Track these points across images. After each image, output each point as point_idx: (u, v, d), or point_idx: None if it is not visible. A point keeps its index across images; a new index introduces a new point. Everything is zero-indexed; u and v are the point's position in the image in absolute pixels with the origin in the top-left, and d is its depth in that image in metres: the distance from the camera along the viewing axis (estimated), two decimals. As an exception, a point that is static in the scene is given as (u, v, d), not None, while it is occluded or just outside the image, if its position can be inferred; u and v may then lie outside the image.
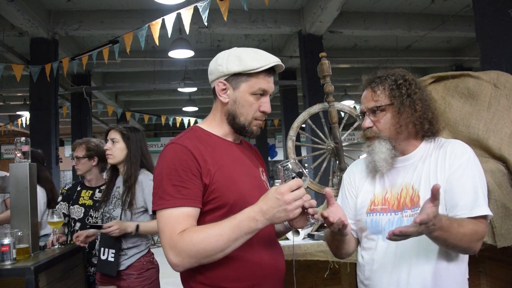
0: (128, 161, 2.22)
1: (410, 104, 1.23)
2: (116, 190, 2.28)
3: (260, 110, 1.26)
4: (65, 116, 9.15)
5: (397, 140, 1.25)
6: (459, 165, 1.18)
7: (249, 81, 1.23)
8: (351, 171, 1.44)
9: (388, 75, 1.29)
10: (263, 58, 1.23)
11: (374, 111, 1.26)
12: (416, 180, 1.23)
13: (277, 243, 1.33)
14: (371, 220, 1.29)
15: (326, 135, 2.22)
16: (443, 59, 8.77)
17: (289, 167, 1.13)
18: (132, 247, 2.18)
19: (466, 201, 1.14)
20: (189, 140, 1.21)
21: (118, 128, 2.28)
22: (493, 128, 1.73)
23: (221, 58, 1.26)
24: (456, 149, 1.22)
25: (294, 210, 1.04)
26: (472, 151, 1.23)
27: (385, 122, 1.25)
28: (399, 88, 1.24)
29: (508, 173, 1.68)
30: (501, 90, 1.80)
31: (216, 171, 1.18)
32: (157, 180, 1.17)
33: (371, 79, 1.31)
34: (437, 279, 1.17)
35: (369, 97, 1.29)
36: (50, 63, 5.22)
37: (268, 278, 1.22)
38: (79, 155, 2.63)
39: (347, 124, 2.37)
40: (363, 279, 1.32)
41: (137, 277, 2.15)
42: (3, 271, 1.91)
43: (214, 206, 1.17)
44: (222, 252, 1.07)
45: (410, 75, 1.29)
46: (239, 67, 1.22)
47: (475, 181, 1.16)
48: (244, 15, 6.11)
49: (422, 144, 1.28)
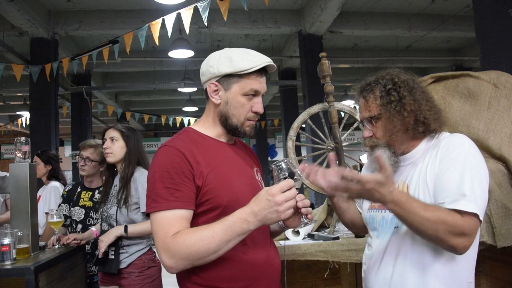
0: (126, 159, 2.24)
1: (400, 110, 1.21)
2: (114, 189, 2.29)
3: (253, 110, 1.26)
4: (65, 116, 9.15)
5: (395, 145, 1.25)
6: (451, 157, 1.14)
7: (240, 82, 1.22)
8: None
9: (378, 79, 1.27)
10: (254, 58, 1.22)
11: (370, 121, 1.27)
12: (409, 177, 1.24)
13: (272, 242, 1.33)
14: (369, 217, 1.32)
15: (326, 135, 2.22)
16: (443, 59, 8.77)
17: (283, 166, 1.13)
18: (132, 244, 2.18)
19: (448, 192, 1.09)
20: (182, 142, 1.21)
21: (117, 127, 2.30)
22: (493, 128, 1.73)
23: (212, 60, 1.26)
24: (451, 143, 1.18)
25: (286, 211, 1.04)
26: (471, 145, 1.17)
27: (381, 131, 1.25)
28: (389, 95, 1.23)
29: (508, 173, 1.68)
30: (501, 90, 1.79)
31: (209, 172, 1.18)
32: (150, 182, 1.17)
33: (363, 87, 1.30)
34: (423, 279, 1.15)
35: (363, 107, 1.29)
36: (50, 63, 5.22)
37: (263, 278, 1.22)
38: (91, 157, 2.64)
39: (347, 124, 2.37)
40: (362, 273, 1.34)
41: (138, 275, 2.15)
42: (3, 271, 1.91)
43: (207, 207, 1.17)
44: (215, 253, 1.07)
45: (401, 76, 1.26)
46: (230, 68, 1.21)
47: (464, 173, 1.09)
48: (244, 15, 6.11)
49: (422, 143, 1.26)
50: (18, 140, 2.24)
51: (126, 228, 2.12)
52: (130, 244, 2.18)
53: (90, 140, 2.76)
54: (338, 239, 1.91)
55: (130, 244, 2.18)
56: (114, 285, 2.20)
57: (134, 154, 2.25)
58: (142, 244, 2.21)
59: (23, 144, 2.24)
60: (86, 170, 2.66)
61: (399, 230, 1.20)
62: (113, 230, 2.13)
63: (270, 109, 12.19)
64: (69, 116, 8.35)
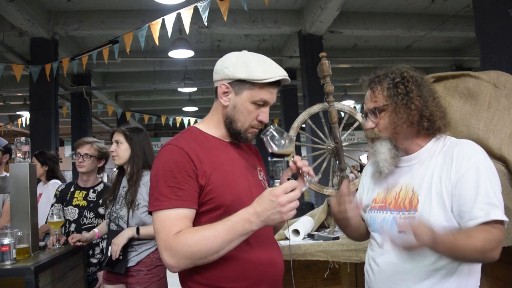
0: (131, 161, 2.26)
1: (407, 103, 1.21)
2: (122, 189, 2.30)
3: (258, 119, 1.25)
4: (65, 116, 9.16)
5: (398, 140, 1.25)
6: (467, 168, 1.13)
7: (252, 90, 1.22)
8: (365, 173, 1.45)
9: (388, 73, 1.27)
10: (270, 69, 1.21)
11: (374, 112, 1.26)
12: (417, 182, 1.22)
13: (275, 242, 1.33)
14: (370, 217, 1.31)
15: (326, 135, 2.22)
16: (443, 59, 8.78)
17: (274, 134, 1.16)
18: (142, 243, 2.19)
19: (479, 204, 1.09)
20: (185, 141, 1.21)
21: (121, 130, 2.33)
22: (493, 128, 1.73)
23: (229, 61, 1.24)
24: (464, 151, 1.16)
25: (289, 212, 1.04)
26: (482, 152, 1.17)
27: (384, 123, 1.25)
28: (396, 87, 1.23)
29: (508, 173, 1.68)
30: (501, 90, 1.79)
31: (212, 172, 1.17)
32: (153, 181, 1.17)
33: (371, 79, 1.30)
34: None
35: (369, 98, 1.29)
36: (50, 63, 5.22)
37: (266, 278, 1.22)
38: (89, 153, 2.63)
39: (347, 124, 2.37)
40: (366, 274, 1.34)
41: (146, 273, 2.15)
42: (3, 271, 1.91)
43: (210, 207, 1.17)
44: (217, 253, 1.07)
45: (410, 72, 1.27)
46: (245, 75, 1.20)
47: (486, 184, 1.10)
48: (244, 15, 6.11)
49: (429, 144, 1.25)
50: (18, 140, 2.24)
51: (138, 230, 2.13)
52: (140, 243, 2.19)
53: (85, 138, 2.76)
54: (338, 239, 1.91)
55: (140, 244, 2.19)
56: (121, 283, 2.20)
57: (139, 155, 2.27)
58: (151, 243, 2.21)
59: (23, 144, 2.25)
60: (85, 166, 2.63)
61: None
62: (125, 232, 2.13)
63: (270, 109, 11.89)
64: (69, 116, 8.36)
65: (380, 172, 1.28)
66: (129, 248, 2.16)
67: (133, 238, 2.14)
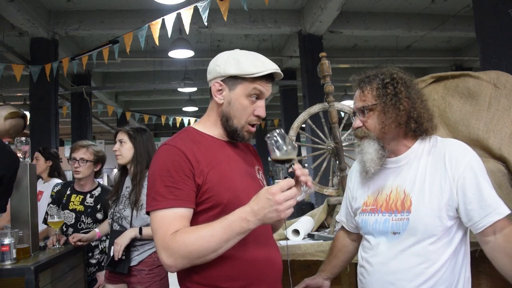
0: (134, 160, 2.27)
1: (395, 104, 1.22)
2: (126, 190, 2.30)
3: (255, 114, 1.25)
4: (65, 116, 9.14)
5: (385, 140, 1.26)
6: (464, 168, 1.16)
7: (244, 84, 1.23)
8: (350, 174, 1.47)
9: (377, 74, 1.29)
10: (261, 64, 1.22)
11: (363, 111, 1.27)
12: (409, 184, 1.23)
13: (273, 242, 1.33)
14: (362, 220, 1.32)
15: (326, 135, 2.22)
16: (443, 59, 8.78)
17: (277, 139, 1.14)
18: (144, 243, 2.19)
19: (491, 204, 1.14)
20: (182, 141, 1.21)
21: (125, 129, 2.34)
22: (493, 128, 1.73)
23: (220, 59, 1.26)
24: (457, 152, 1.19)
25: (286, 211, 1.03)
26: (471, 150, 1.20)
27: (372, 122, 1.26)
28: (385, 88, 1.24)
29: (508, 173, 1.68)
30: (501, 90, 1.79)
31: (209, 171, 1.18)
32: (150, 181, 1.17)
33: (361, 79, 1.31)
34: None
35: (358, 97, 1.30)
36: (50, 63, 5.21)
37: (264, 277, 1.22)
38: (85, 157, 2.57)
39: (347, 124, 2.37)
40: (359, 275, 1.34)
41: (148, 273, 2.16)
42: (3, 271, 1.91)
43: (207, 206, 1.17)
44: (215, 252, 1.07)
45: (399, 73, 1.28)
46: (236, 70, 1.21)
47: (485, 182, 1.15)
48: (244, 15, 6.11)
49: (415, 145, 1.27)
50: (18, 140, 2.24)
51: (140, 230, 2.13)
52: (142, 243, 2.19)
53: (80, 141, 2.68)
54: (338, 239, 1.91)
55: (142, 243, 2.19)
56: (122, 283, 2.20)
57: (142, 155, 2.28)
58: (153, 243, 2.21)
59: (23, 144, 2.25)
60: (81, 172, 2.56)
61: (400, 236, 1.20)
62: (128, 232, 2.14)
63: (270, 109, 12.18)
64: (69, 116, 8.35)
65: (366, 172, 1.29)
66: (132, 248, 2.16)
67: (135, 238, 2.14)
